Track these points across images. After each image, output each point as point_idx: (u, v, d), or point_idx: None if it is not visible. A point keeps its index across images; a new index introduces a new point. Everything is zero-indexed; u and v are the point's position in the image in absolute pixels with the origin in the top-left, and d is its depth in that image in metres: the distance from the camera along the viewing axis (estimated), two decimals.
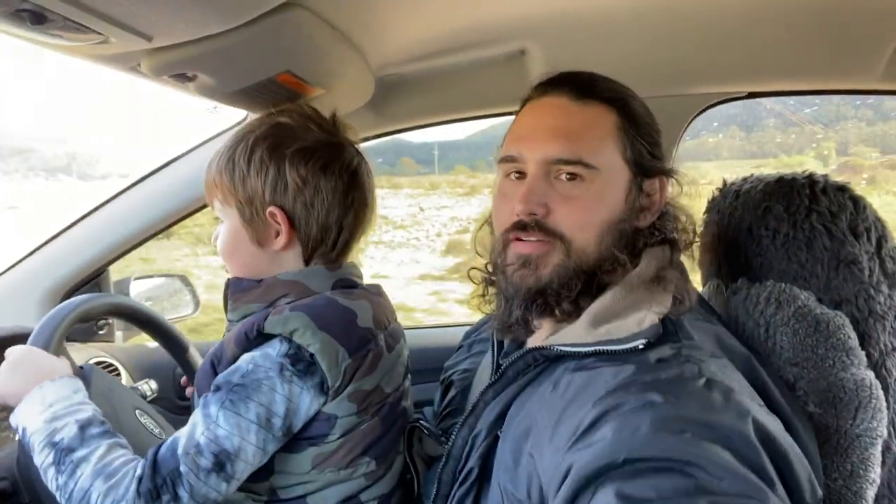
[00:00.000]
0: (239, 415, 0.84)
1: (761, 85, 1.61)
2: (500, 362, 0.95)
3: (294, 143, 0.95)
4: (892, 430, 0.80)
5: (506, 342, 0.97)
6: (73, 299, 1.10)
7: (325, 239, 0.98)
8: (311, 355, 0.87)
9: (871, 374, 0.79)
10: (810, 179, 0.89)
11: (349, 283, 1.00)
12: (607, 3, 1.21)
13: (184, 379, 1.26)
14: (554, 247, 0.82)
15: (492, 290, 0.93)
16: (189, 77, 1.02)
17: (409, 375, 1.09)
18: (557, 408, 0.73)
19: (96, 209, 1.59)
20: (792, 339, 0.80)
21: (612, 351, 0.74)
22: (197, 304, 1.89)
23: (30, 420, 0.88)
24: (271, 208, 0.95)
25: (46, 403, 0.88)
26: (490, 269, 0.92)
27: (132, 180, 1.61)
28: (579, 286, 0.82)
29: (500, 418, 0.83)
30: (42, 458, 0.85)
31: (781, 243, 0.86)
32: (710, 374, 0.68)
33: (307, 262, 0.99)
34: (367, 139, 1.71)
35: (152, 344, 1.35)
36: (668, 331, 0.75)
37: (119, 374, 1.63)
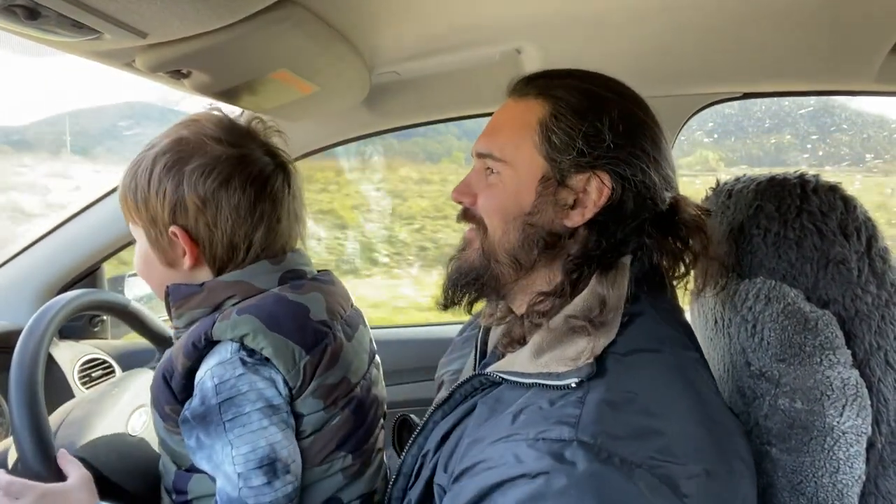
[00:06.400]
0: (245, 425, 0.83)
1: (756, 86, 1.62)
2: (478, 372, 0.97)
3: (193, 160, 0.90)
4: (876, 427, 0.81)
5: (488, 351, 0.98)
6: (65, 294, 1.10)
7: (234, 257, 0.93)
8: (266, 359, 0.86)
9: (855, 373, 0.79)
10: (801, 179, 0.89)
11: (297, 274, 0.97)
12: (603, 3, 1.21)
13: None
14: (478, 233, 0.86)
15: None
16: (184, 74, 1.02)
17: (377, 361, 1.08)
18: (484, 425, 0.75)
19: (91, 205, 1.59)
20: (780, 336, 0.81)
21: (548, 385, 0.73)
22: None
23: None
24: (173, 228, 0.91)
25: None
26: None
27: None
28: (493, 275, 0.84)
29: (447, 438, 0.83)
30: None
31: (772, 242, 0.87)
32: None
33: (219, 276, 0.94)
34: (362, 137, 1.71)
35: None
36: (600, 369, 0.72)
37: (113, 372, 1.63)
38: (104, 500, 0.92)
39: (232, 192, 0.90)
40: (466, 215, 0.89)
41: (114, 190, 1.59)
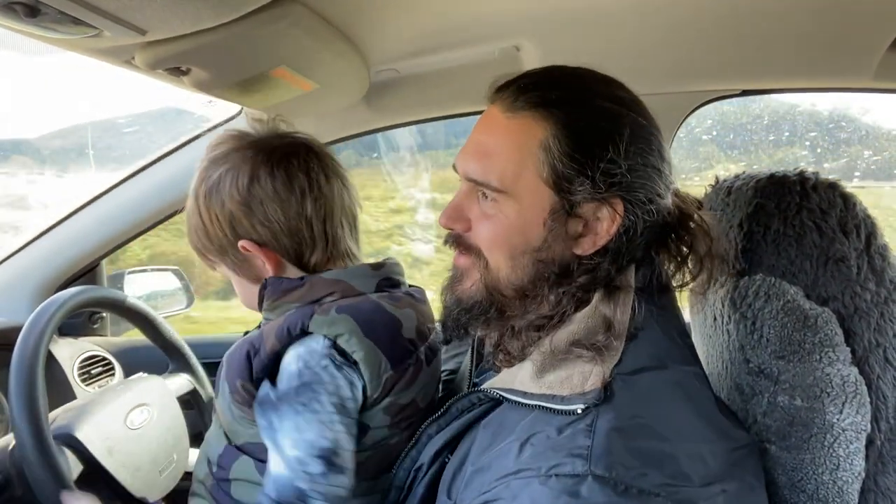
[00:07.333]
0: (317, 412, 0.83)
1: (755, 83, 1.62)
2: (475, 381, 0.96)
3: (218, 176, 0.93)
4: (875, 424, 0.81)
5: (484, 356, 0.96)
6: (64, 291, 1.10)
7: (302, 241, 0.95)
8: (355, 363, 0.87)
9: (855, 370, 0.79)
10: (801, 177, 0.89)
11: (393, 283, 0.99)
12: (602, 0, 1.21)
13: None
14: (476, 263, 0.81)
15: None
16: (183, 71, 1.02)
17: (440, 388, 1.07)
18: (488, 452, 0.73)
19: (90, 202, 1.59)
20: (780, 333, 0.81)
21: (552, 409, 0.71)
22: (191, 298, 1.90)
23: None
24: (240, 243, 0.93)
25: None
26: None
27: (126, 174, 1.61)
28: (498, 308, 0.80)
29: (441, 452, 0.82)
30: None
31: (772, 239, 0.87)
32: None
33: (306, 270, 0.96)
34: (362, 134, 1.72)
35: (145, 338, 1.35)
36: (607, 392, 0.70)
37: (113, 369, 1.64)
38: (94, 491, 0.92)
39: (264, 182, 0.92)
40: (459, 242, 0.83)
41: (112, 187, 1.59)
